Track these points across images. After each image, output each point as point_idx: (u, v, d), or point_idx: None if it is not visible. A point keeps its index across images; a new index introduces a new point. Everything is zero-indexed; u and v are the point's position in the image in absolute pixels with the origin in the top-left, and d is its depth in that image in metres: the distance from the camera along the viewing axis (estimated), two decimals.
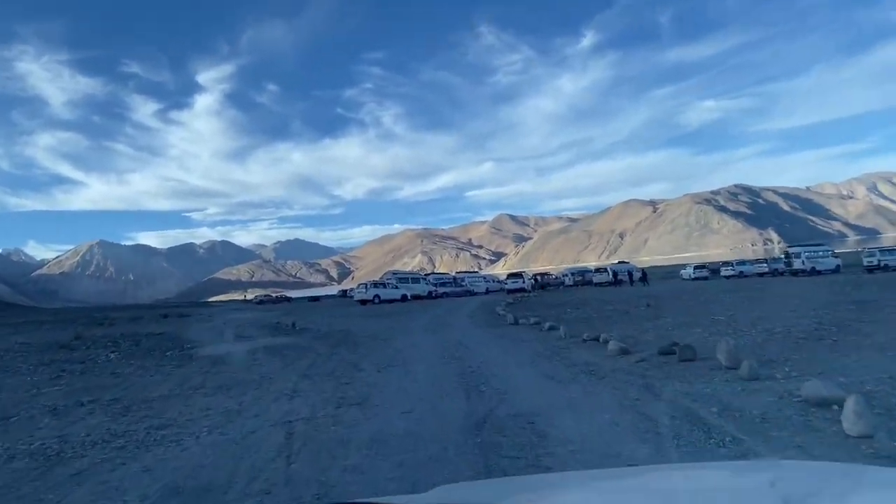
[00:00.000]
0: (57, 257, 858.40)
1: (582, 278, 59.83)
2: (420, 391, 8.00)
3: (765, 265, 53.39)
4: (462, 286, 50.44)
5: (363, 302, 39.31)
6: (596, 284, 53.06)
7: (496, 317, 21.96)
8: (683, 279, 55.70)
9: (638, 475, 2.05)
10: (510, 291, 43.11)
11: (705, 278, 53.08)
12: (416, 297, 43.41)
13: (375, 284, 40.93)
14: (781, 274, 49.47)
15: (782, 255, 48.91)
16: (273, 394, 8.42)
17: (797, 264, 42.27)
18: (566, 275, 61.92)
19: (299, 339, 17.35)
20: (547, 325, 15.80)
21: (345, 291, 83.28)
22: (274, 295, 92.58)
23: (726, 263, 55.92)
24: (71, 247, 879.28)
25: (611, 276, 52.21)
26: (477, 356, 11.30)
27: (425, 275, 50.59)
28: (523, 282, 44.04)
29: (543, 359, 10.38)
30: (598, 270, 53.76)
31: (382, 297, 39.37)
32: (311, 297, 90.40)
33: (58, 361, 14.19)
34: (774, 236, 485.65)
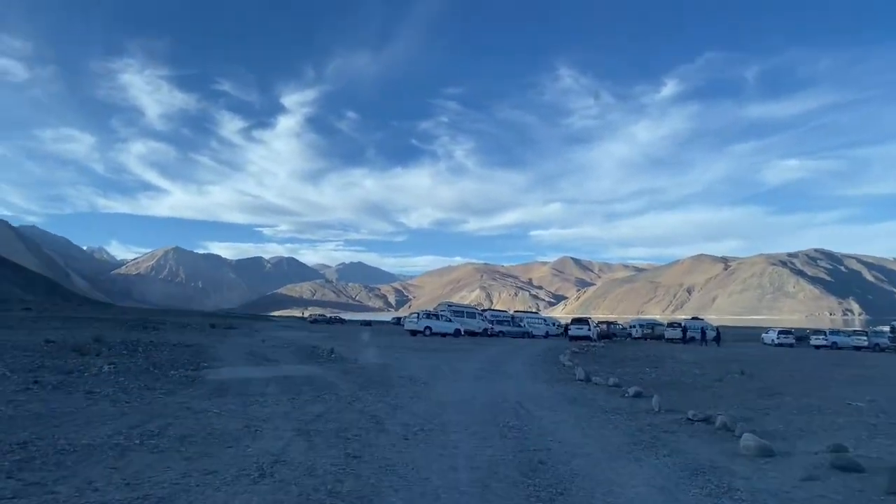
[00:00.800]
0: (135, 259, 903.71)
1: (651, 331, 55.10)
2: (459, 492, 5.07)
3: (864, 338, 47.31)
4: (520, 326, 46.98)
5: (413, 332, 36.60)
6: (667, 340, 48.28)
7: (561, 368, 18.71)
8: (765, 343, 50.19)
9: None
10: (574, 338, 39.29)
11: (790, 345, 47.49)
12: (469, 333, 40.42)
13: (428, 315, 38.21)
14: (882, 350, 43.62)
15: (888, 329, 42.95)
16: (242, 463, 5.68)
17: None
18: (633, 326, 57.27)
19: (328, 370, 14.71)
20: (632, 390, 12.47)
21: (398, 319, 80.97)
22: (328, 315, 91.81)
23: (816, 332, 49.92)
24: (149, 250, 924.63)
25: (680, 333, 47.44)
26: (543, 429, 8.28)
27: (482, 310, 47.43)
28: (589, 329, 40.14)
29: (646, 450, 7.19)
30: (671, 325, 48.93)
31: (434, 330, 36.56)
32: (364, 321, 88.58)
33: (47, 368, 12.09)
34: (855, 307, 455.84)
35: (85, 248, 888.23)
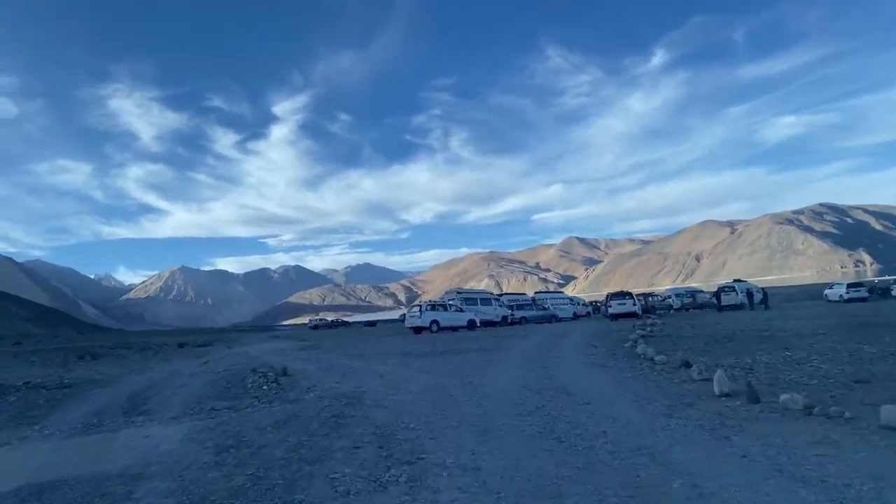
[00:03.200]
0: (143, 282, 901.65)
1: (693, 300, 47.97)
2: None
3: None
4: (544, 309, 40.00)
5: (417, 330, 29.68)
6: (722, 308, 40.54)
7: (657, 368, 11.73)
8: (829, 301, 43.03)
9: None
10: (616, 316, 32.26)
11: (862, 300, 40.23)
12: (486, 324, 33.52)
13: (434, 307, 31.08)
14: None
15: None
16: None
17: None
18: (670, 297, 50.21)
19: (245, 421, 7.90)
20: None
21: (405, 315, 74.05)
22: (330, 319, 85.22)
23: None
24: (156, 272, 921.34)
25: (741, 297, 40.17)
26: None
27: (497, 295, 40.45)
28: (634, 304, 33.07)
29: None
30: (723, 289, 41.51)
31: (442, 324, 29.62)
32: (368, 321, 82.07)
33: None
34: (867, 257, 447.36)
35: (93, 276, 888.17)
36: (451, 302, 32.67)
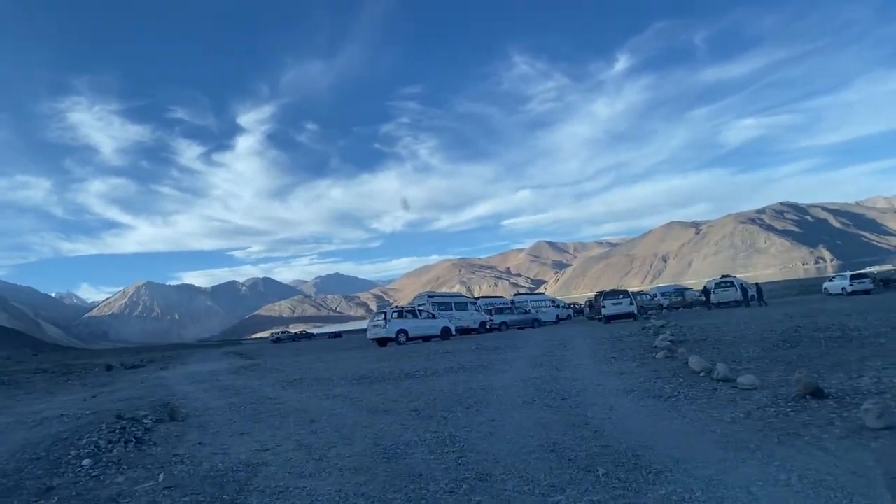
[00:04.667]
0: (106, 299, 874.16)
1: (682, 299, 44.64)
2: None
3: None
4: (526, 313, 35.82)
5: (381, 342, 25.10)
6: (712, 306, 37.34)
7: (717, 386, 7.48)
8: (830, 294, 39.89)
9: None
10: (610, 318, 28.09)
11: (867, 292, 37.12)
12: (462, 332, 29.20)
13: (401, 314, 26.44)
14: None
15: None
16: None
17: None
18: (656, 295, 46.69)
19: None
20: None
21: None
22: (294, 331, 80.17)
23: None
24: (120, 289, 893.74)
25: (739, 293, 36.61)
26: None
27: (474, 299, 36.14)
28: (631, 303, 28.91)
29: None
30: (720, 284, 37.78)
31: (412, 333, 25.10)
32: (333, 333, 77.07)
33: None
34: (826, 254, 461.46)
35: (54, 294, 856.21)
36: (421, 308, 28.14)
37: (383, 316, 25.71)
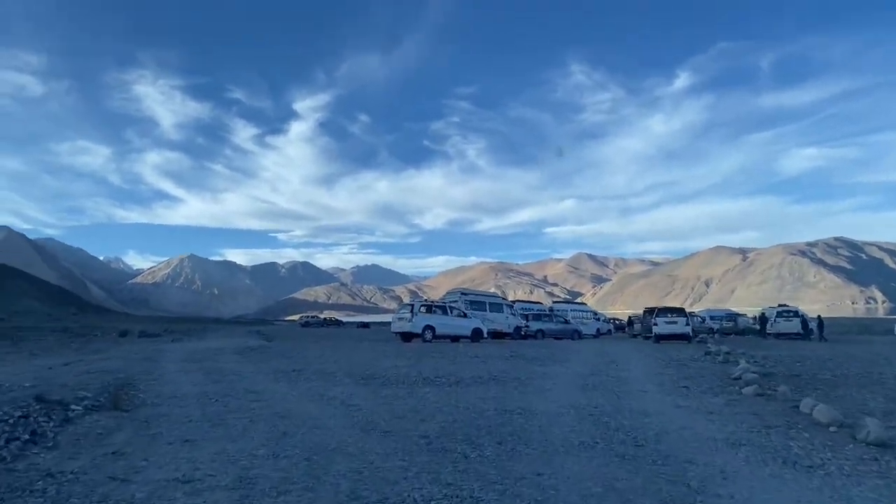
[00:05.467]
0: (151, 268, 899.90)
1: (734, 324, 41.37)
2: None
3: None
4: (565, 322, 33.11)
5: (406, 337, 22.92)
6: (768, 336, 34.12)
7: (863, 452, 4.97)
8: None
9: None
10: (661, 338, 25.23)
11: None
12: (494, 335, 26.79)
13: (430, 308, 24.05)
14: None
15: None
16: None
17: None
18: (704, 318, 43.39)
19: None
20: None
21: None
22: (323, 317, 78.88)
23: None
24: (165, 259, 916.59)
25: (800, 325, 33.24)
26: None
27: (511, 302, 33.60)
28: (686, 323, 25.92)
29: None
30: (782, 314, 34.37)
31: (439, 331, 22.84)
32: (361, 323, 75.66)
33: None
34: (878, 294, 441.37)
35: (102, 258, 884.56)
36: (452, 304, 25.83)
37: (410, 309, 23.40)
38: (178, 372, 11.42)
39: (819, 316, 37.39)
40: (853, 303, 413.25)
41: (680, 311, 27.67)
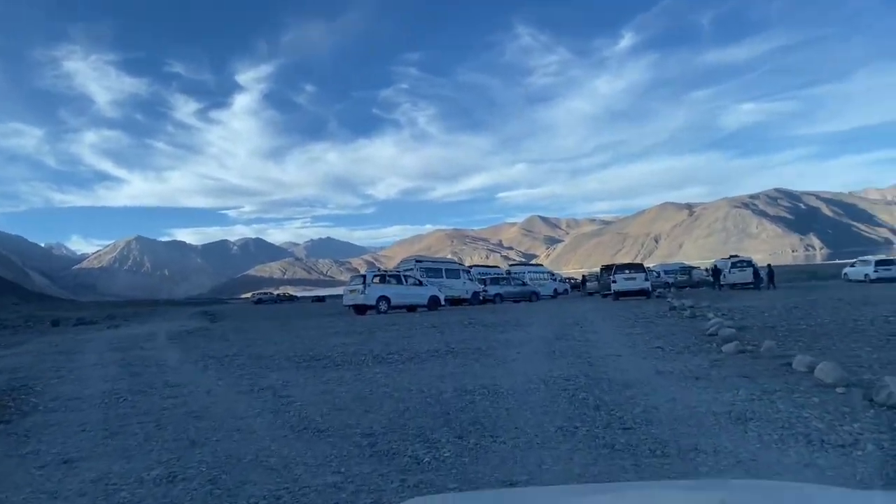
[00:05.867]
0: (96, 252, 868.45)
1: (688, 277, 41.81)
2: None
3: None
4: (523, 284, 32.71)
5: (359, 309, 21.77)
6: (721, 287, 34.82)
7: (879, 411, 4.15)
8: (850, 280, 36.89)
9: (589, 494, 1.84)
10: (620, 295, 24.87)
11: (893, 279, 34.11)
12: (452, 302, 26.07)
13: (383, 277, 23.04)
14: None
15: None
16: None
17: None
18: (659, 273, 43.67)
19: None
20: None
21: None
22: (276, 293, 76.88)
23: None
24: (111, 242, 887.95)
25: (749, 276, 33.76)
26: None
27: (467, 267, 32.80)
28: (645, 279, 25.54)
29: None
30: (736, 265, 34.90)
31: (394, 301, 21.80)
32: (316, 297, 74.14)
33: None
34: (817, 242, 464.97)
35: (42, 244, 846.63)
36: (407, 273, 24.77)
37: (362, 280, 22.12)
38: (93, 366, 10.02)
39: (769, 265, 38.18)
40: (793, 251, 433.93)
41: (638, 267, 27.38)
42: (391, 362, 8.59)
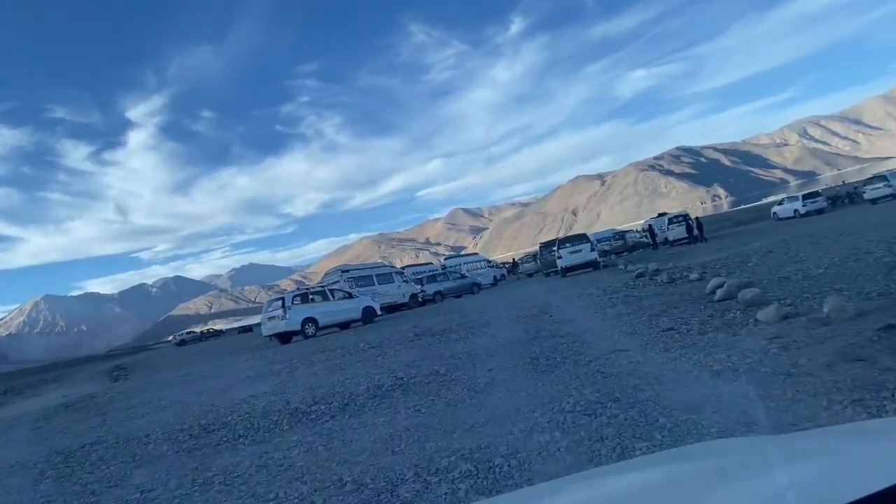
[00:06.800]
0: (2, 319, 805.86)
1: (623, 242, 41.29)
2: None
3: None
4: (462, 277, 30.66)
5: (283, 337, 18.68)
6: (658, 246, 34.55)
7: None
8: (780, 218, 37.07)
9: (620, 472, 1.65)
10: (568, 270, 22.96)
11: (820, 211, 34.47)
12: (389, 309, 23.44)
13: (305, 297, 19.51)
14: None
15: None
16: None
17: None
18: (598, 241, 43.06)
19: None
20: None
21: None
22: (200, 331, 71.52)
23: (873, 178, 34.49)
24: (16, 306, 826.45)
25: (685, 231, 33.38)
26: None
27: (400, 269, 30.13)
28: (592, 249, 23.66)
29: None
30: (673, 221, 34.46)
31: (323, 321, 18.82)
32: (243, 327, 69.29)
33: None
34: (721, 192, 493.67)
35: None
36: (333, 287, 21.84)
37: (281, 303, 18.91)
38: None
39: (697, 218, 37.92)
40: (702, 203, 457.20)
41: (582, 238, 25.58)
42: (315, 419, 5.93)
